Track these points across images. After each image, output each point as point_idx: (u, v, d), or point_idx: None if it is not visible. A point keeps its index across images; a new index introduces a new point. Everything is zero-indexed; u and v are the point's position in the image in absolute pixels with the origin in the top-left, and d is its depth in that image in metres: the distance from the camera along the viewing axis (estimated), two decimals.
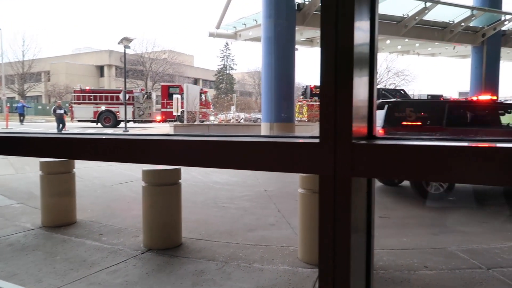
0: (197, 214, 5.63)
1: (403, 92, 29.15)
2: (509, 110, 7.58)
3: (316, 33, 16.64)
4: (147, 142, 1.01)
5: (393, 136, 0.96)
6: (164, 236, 4.24)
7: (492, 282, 3.33)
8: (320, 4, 0.77)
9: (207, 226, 5.09)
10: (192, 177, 8.46)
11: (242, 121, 28.80)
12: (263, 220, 5.34)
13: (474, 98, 9.39)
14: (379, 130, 6.72)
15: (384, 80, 43.59)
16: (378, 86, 38.19)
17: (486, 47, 14.43)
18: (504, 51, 15.75)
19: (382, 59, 44.60)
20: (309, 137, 0.84)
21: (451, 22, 14.20)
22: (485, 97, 9.56)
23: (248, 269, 3.62)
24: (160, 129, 22.43)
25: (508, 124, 7.39)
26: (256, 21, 15.81)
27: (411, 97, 28.50)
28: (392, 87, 36.93)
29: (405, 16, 13.67)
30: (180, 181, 4.34)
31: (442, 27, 14.45)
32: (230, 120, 29.15)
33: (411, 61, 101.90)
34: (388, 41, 17.01)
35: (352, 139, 0.75)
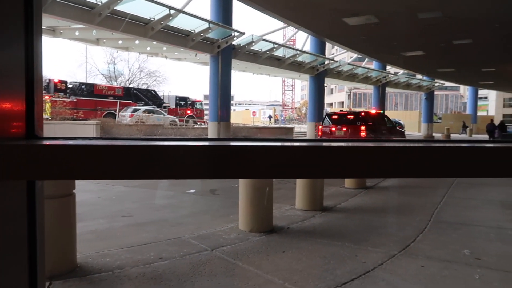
0: None
1: (154, 93, 30.22)
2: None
3: (59, 22, 15.07)
4: None
5: (61, 137, 0.95)
6: None
7: (214, 261, 3.86)
8: None
9: None
10: None
11: None
12: None
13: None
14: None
15: (136, 80, 43.93)
16: (131, 85, 38.18)
17: (221, 57, 16.68)
18: (234, 62, 18.60)
19: (134, 58, 44.86)
20: None
21: (193, 32, 15.67)
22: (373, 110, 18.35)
23: None
24: None
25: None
26: None
27: (162, 98, 29.93)
28: (144, 87, 37.69)
29: (152, 19, 14.17)
30: None
31: (185, 34, 15.76)
32: None
33: (161, 63, 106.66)
34: (137, 41, 17.21)
35: None
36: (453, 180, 8.91)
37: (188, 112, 29.75)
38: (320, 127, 15.56)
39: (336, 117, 15.32)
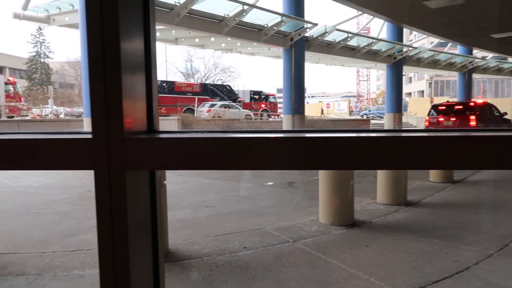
0: (1, 225, 4.85)
1: (229, 88, 31.10)
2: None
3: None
4: None
5: (175, 130, 1.02)
6: None
7: (296, 252, 3.89)
8: None
9: (16, 237, 4.44)
10: None
11: (62, 116, 25.82)
12: (85, 223, 4.95)
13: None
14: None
15: (212, 76, 45.51)
16: (207, 82, 39.68)
17: (294, 50, 16.59)
18: (307, 54, 18.38)
19: (209, 55, 46.48)
20: (82, 132, 0.82)
21: (265, 26, 15.78)
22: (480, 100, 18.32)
23: (66, 278, 3.32)
24: None
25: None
26: (73, 6, 14.35)
27: (236, 92, 30.68)
28: (220, 82, 38.94)
29: (226, 16, 14.55)
30: None
31: (258, 29, 15.94)
32: (47, 115, 25.82)
33: (235, 59, 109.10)
34: (212, 39, 17.80)
35: (125, 134, 0.77)
36: None
37: (262, 106, 30.12)
38: (427, 117, 16.62)
39: (444, 108, 16.24)
